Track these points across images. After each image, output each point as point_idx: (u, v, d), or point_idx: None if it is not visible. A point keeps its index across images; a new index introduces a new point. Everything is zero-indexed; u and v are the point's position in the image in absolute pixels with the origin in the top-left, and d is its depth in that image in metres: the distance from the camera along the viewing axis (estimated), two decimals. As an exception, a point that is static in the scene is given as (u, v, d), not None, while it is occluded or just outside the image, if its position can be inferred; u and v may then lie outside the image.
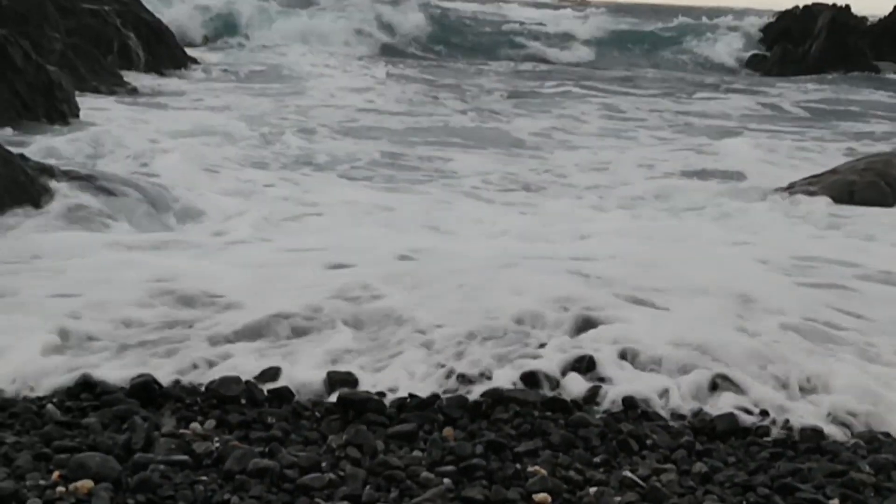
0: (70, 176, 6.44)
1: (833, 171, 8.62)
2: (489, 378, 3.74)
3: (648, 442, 3.30)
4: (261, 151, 10.30)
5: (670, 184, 9.54)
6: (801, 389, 3.82)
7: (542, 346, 4.10)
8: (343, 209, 7.49)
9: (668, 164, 10.91)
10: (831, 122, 15.86)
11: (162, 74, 17.18)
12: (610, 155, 11.35)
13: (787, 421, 3.52)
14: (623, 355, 4.06)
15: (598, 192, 9.05)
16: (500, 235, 6.67)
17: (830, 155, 11.87)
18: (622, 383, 3.76)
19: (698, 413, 3.57)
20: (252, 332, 4.15)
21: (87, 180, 6.42)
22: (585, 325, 4.33)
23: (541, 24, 28.92)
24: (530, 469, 3.03)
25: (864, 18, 26.91)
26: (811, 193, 8.01)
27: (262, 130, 11.50)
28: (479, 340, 4.17)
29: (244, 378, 3.59)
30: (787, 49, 26.85)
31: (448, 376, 3.75)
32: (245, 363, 3.76)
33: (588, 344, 4.12)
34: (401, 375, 3.78)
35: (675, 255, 6.04)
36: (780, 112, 17.27)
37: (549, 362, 3.90)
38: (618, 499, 2.89)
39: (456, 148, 11.44)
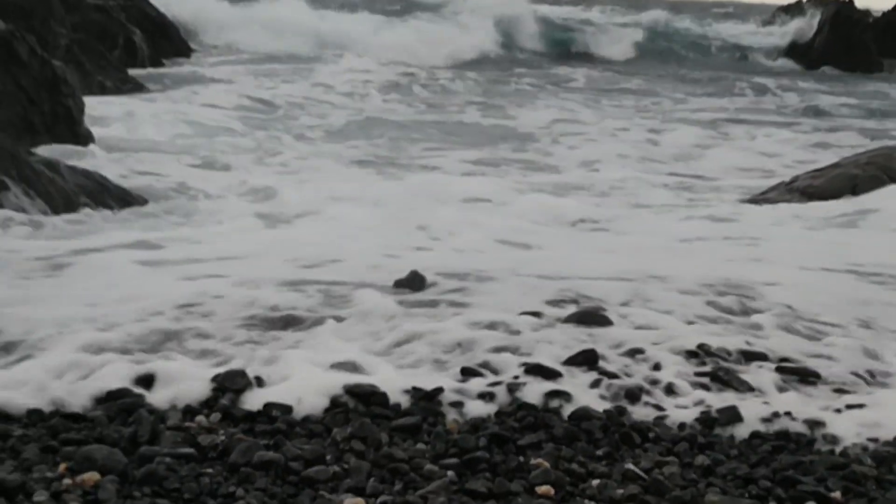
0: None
1: (835, 165, 8.61)
2: (493, 372, 3.76)
3: (651, 435, 3.31)
4: (249, 146, 10.30)
5: (665, 180, 9.55)
6: (803, 383, 3.84)
7: (545, 341, 4.12)
8: (336, 208, 7.46)
9: (661, 161, 10.92)
10: (835, 119, 15.83)
11: (163, 65, 17.22)
12: (602, 153, 11.36)
13: (789, 413, 3.53)
14: (626, 349, 4.08)
15: (597, 190, 9.05)
16: (499, 233, 6.65)
17: (828, 150, 11.87)
18: (625, 376, 3.78)
19: (700, 405, 3.57)
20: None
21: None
22: (588, 320, 4.34)
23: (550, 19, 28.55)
24: (533, 461, 3.04)
25: (868, 12, 26.83)
26: (813, 188, 8.01)
27: (256, 127, 11.53)
28: (481, 336, 4.20)
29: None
30: (793, 43, 26.78)
31: (451, 371, 3.77)
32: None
33: (591, 338, 4.15)
34: (403, 370, 3.79)
35: (680, 251, 6.05)
36: (781, 108, 17.21)
37: (551, 356, 3.92)
38: (620, 491, 2.90)
39: (452, 144, 11.45)
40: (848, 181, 7.99)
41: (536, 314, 4.48)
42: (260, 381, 3.55)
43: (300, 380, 3.60)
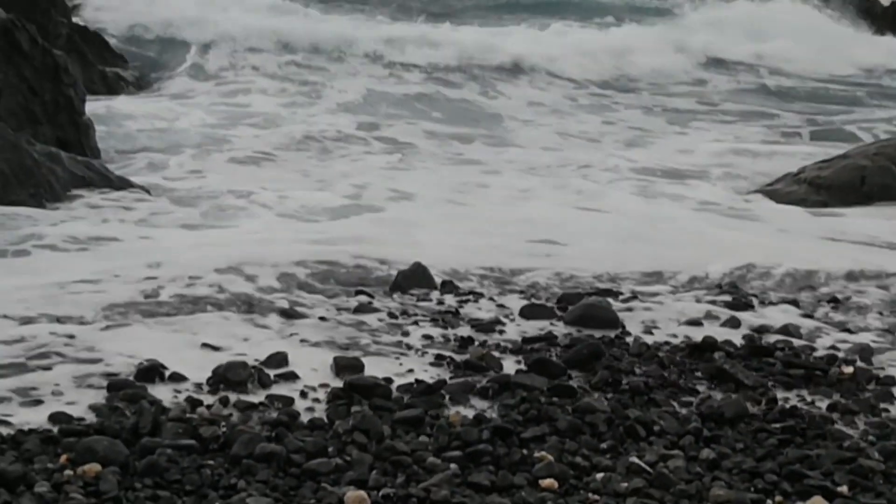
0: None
1: (843, 156, 8.54)
2: (497, 366, 3.74)
3: (656, 428, 3.28)
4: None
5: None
6: (810, 378, 3.81)
7: (548, 337, 4.10)
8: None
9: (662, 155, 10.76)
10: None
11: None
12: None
13: (795, 407, 3.51)
14: (631, 344, 4.07)
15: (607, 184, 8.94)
16: (498, 229, 6.55)
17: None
18: (630, 371, 3.76)
19: (706, 399, 3.55)
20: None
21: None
22: (593, 315, 4.32)
23: None
24: (537, 455, 3.02)
25: (877, 1, 26.66)
26: (821, 178, 7.94)
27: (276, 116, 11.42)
28: (484, 330, 4.18)
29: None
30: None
31: (456, 365, 3.75)
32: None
33: (595, 333, 4.13)
34: (406, 363, 3.78)
35: (683, 245, 6.02)
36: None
37: (555, 352, 3.91)
38: (624, 485, 2.88)
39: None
40: (856, 172, 7.93)
41: (539, 308, 4.46)
42: (261, 374, 3.53)
43: (301, 372, 3.58)
